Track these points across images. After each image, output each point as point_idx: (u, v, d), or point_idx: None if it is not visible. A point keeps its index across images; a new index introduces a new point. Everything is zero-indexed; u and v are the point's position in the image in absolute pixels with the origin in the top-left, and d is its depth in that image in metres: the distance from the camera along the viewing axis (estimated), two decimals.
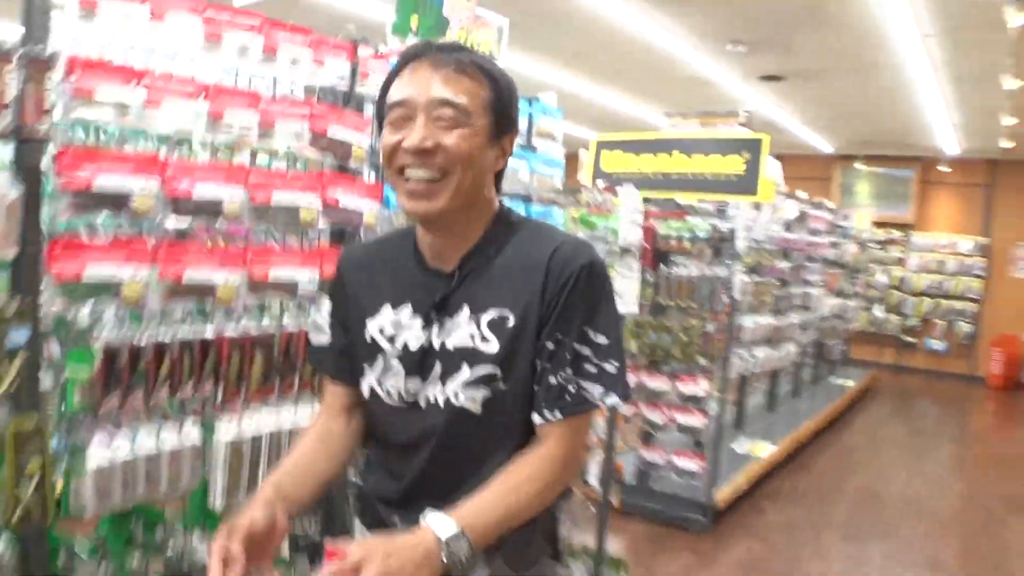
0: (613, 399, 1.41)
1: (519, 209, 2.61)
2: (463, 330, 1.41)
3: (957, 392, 11.33)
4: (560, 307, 1.39)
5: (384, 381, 1.46)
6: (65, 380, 1.76)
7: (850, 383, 9.75)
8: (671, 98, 8.76)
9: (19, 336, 1.63)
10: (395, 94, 1.37)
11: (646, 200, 4.09)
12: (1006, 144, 9.98)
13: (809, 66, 7.58)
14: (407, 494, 1.47)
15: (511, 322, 1.39)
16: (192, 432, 1.96)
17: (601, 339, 1.41)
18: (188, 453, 1.96)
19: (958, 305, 12.55)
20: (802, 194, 8.06)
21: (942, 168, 12.47)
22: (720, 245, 5.20)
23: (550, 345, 1.39)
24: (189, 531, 2.13)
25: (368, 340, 1.48)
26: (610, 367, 1.41)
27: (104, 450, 1.80)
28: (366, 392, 1.50)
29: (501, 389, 1.40)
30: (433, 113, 1.34)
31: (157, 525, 2.13)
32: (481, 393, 1.40)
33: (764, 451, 6.04)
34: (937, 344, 12.63)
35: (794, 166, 9.96)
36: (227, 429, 2.02)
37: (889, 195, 13.21)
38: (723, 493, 5.01)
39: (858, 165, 13.20)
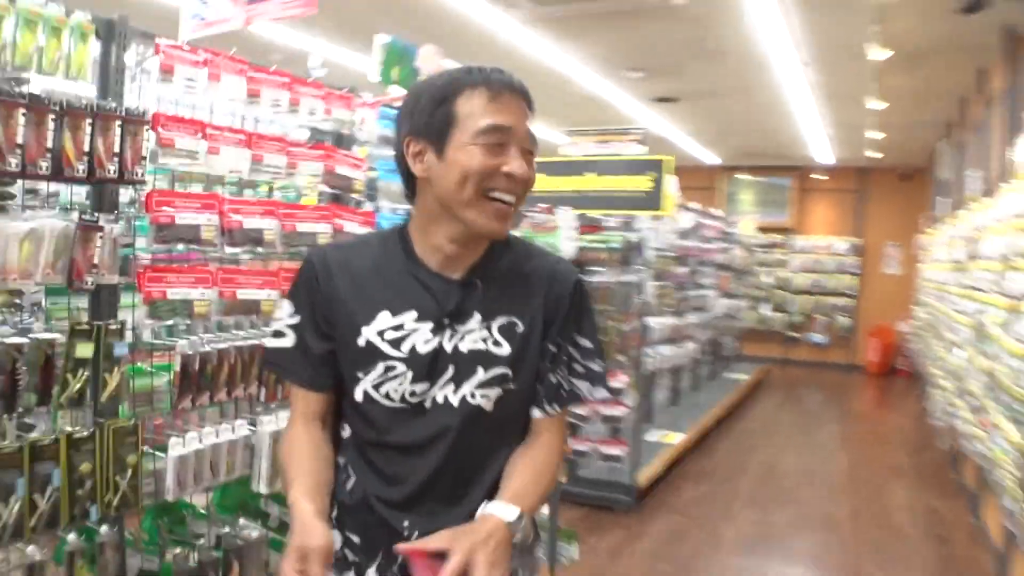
0: (601, 393, 1.58)
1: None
2: (476, 334, 1.49)
3: (839, 380, 12.32)
4: (560, 316, 1.54)
5: (383, 385, 1.49)
6: (151, 385, 2.14)
7: (743, 377, 10.52)
8: (571, 117, 9.33)
9: (121, 349, 2.01)
10: (493, 119, 1.41)
11: None
12: (873, 155, 11.01)
13: (699, 88, 8.32)
14: (415, 496, 1.50)
15: (520, 328, 1.51)
16: (243, 427, 2.36)
17: (587, 343, 1.57)
18: (240, 444, 2.35)
19: (836, 301, 13.63)
20: (695, 205, 8.78)
21: (817, 176, 13.55)
22: (629, 254, 5.77)
23: (551, 348, 1.53)
24: (228, 518, 2.50)
25: (363, 345, 1.48)
26: (596, 366, 1.57)
27: (181, 443, 2.18)
28: (359, 397, 1.50)
29: (511, 388, 1.50)
30: (523, 146, 1.44)
31: (192, 518, 2.50)
32: (495, 392, 1.49)
33: (674, 439, 6.64)
34: (819, 337, 13.66)
35: (683, 177, 10.68)
36: (269, 423, 2.41)
37: (770, 202, 14.22)
38: (643, 476, 5.58)
39: (741, 175, 14.18)
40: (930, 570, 4.65)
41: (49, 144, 1.80)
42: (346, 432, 1.57)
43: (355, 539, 1.54)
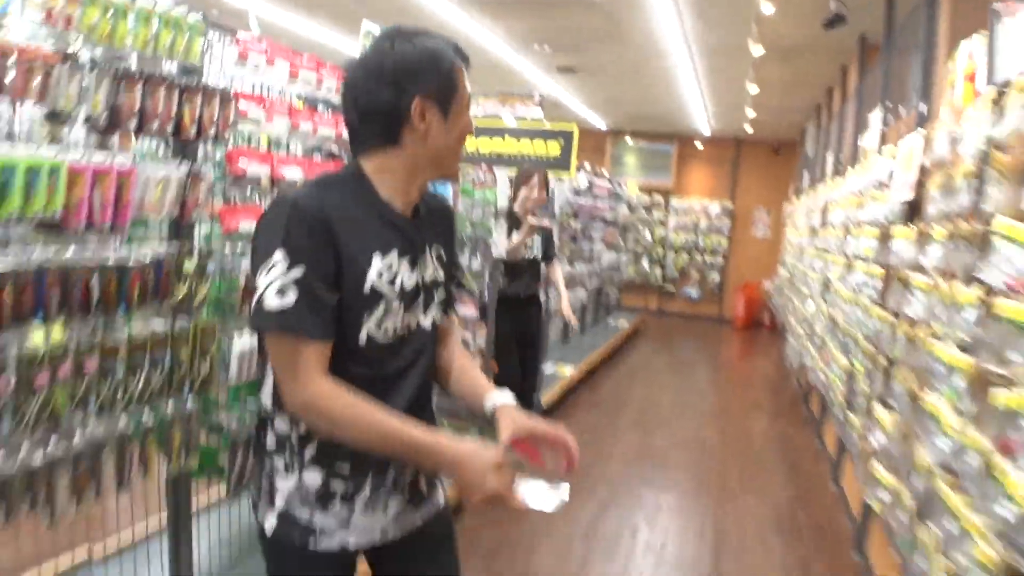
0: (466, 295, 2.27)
1: None
2: (428, 264, 1.70)
3: (709, 331, 13.59)
4: (453, 239, 1.85)
5: (384, 322, 1.59)
6: (222, 295, 2.82)
7: (624, 323, 11.58)
8: (482, 81, 10.08)
9: (212, 266, 2.68)
10: (468, 88, 1.65)
11: None
12: (748, 129, 12.18)
13: (597, 63, 9.18)
14: (409, 411, 1.62)
15: (443, 254, 1.77)
16: None
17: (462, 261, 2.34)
18: None
19: (709, 259, 14.91)
20: (587, 166, 9.67)
21: (697, 144, 14.71)
22: (545, 210, 6.58)
23: (452, 266, 1.83)
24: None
25: (368, 289, 1.56)
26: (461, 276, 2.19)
27: (241, 339, 2.87)
28: (363, 340, 1.58)
29: (445, 304, 1.81)
30: None
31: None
32: (441, 311, 1.79)
33: (567, 371, 7.58)
34: (692, 292, 14.95)
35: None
36: None
37: (652, 166, 15.31)
38: (544, 399, 6.47)
39: (628, 140, 15.20)
40: (780, 479, 5.73)
41: (172, 113, 2.46)
42: None
43: (344, 468, 1.63)
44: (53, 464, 2.17)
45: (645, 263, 14.95)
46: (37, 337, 2.11)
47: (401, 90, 1.57)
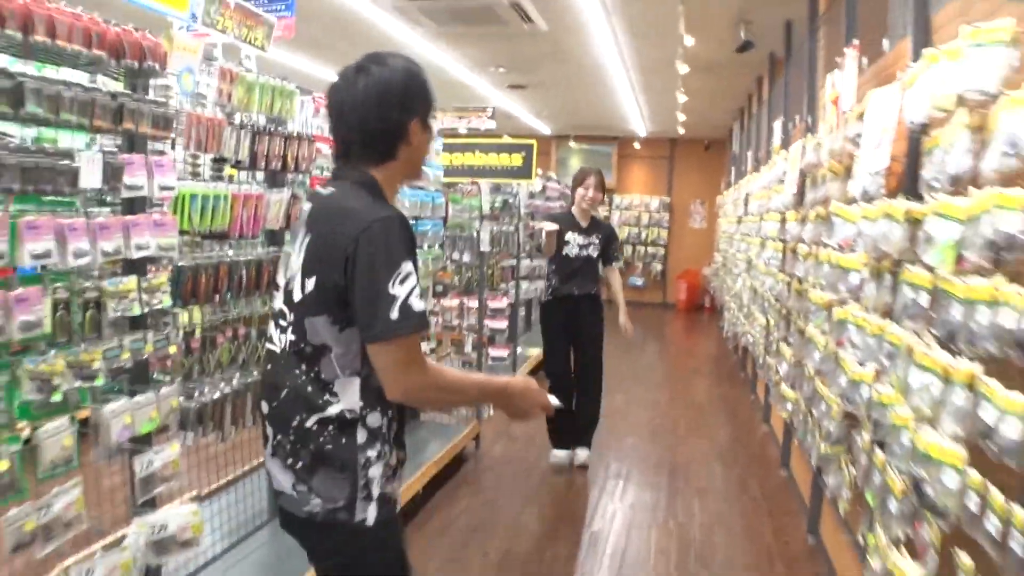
0: None
1: (410, 195, 5.01)
2: None
3: (655, 315, 14.85)
4: None
5: None
6: None
7: (541, 298, 12.73)
8: (442, 99, 11.19)
9: None
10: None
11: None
12: (681, 130, 13.48)
13: (545, 80, 10.36)
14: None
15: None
16: None
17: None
18: None
19: (651, 250, 16.20)
20: (538, 170, 10.83)
21: (635, 145, 15.99)
22: (508, 210, 7.72)
23: None
24: None
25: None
26: None
27: None
28: None
29: None
30: None
31: None
32: None
33: (533, 352, 8.71)
34: (638, 280, 16.23)
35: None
36: None
37: (595, 165, 16.46)
38: (521, 372, 7.61)
39: (571, 143, 16.42)
40: (721, 424, 6.95)
41: (278, 153, 3.52)
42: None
43: (402, 439, 1.93)
44: (223, 401, 3.22)
45: None
46: (212, 311, 3.17)
47: (406, 112, 1.81)
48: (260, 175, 3.58)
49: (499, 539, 4.29)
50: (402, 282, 1.67)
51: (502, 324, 7.44)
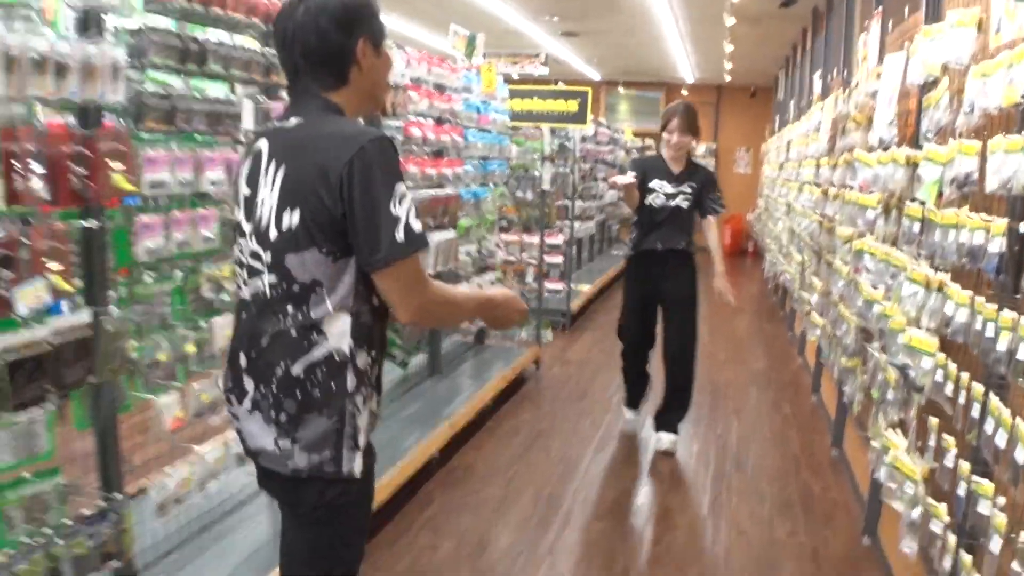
0: None
1: (482, 137, 5.54)
2: None
3: (700, 259, 15.18)
4: None
5: None
6: None
7: (623, 253, 13.29)
8: (497, 44, 11.74)
9: None
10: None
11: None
12: (727, 77, 13.83)
13: (597, 27, 10.79)
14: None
15: None
16: None
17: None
18: None
19: None
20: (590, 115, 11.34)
21: (683, 91, 16.34)
22: (564, 153, 8.28)
23: None
24: None
25: None
26: None
27: None
28: None
29: None
30: None
31: None
32: None
33: (585, 287, 9.33)
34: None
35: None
36: None
37: (643, 112, 16.94)
38: (574, 305, 8.23)
39: (620, 89, 16.81)
40: (759, 358, 7.52)
41: None
42: (377, 299, 1.75)
43: (380, 384, 1.87)
44: None
45: None
46: None
47: (349, 33, 1.72)
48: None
49: (558, 442, 4.95)
50: (400, 202, 1.62)
51: (558, 259, 8.07)
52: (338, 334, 1.69)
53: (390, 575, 3.35)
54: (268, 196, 1.71)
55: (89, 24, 2.33)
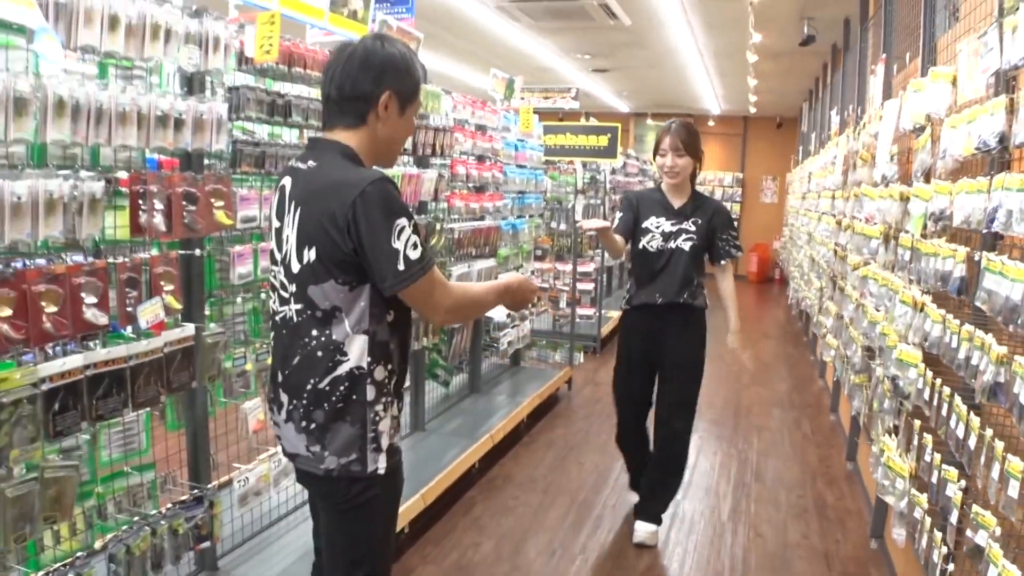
0: None
1: (519, 173, 5.96)
2: None
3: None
4: None
5: None
6: (448, 243, 4.91)
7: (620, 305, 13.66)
8: (531, 81, 12.22)
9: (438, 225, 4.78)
10: (420, 102, 2.15)
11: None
12: (752, 109, 14.22)
13: (626, 64, 11.24)
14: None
15: None
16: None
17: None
18: None
19: None
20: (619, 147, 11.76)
21: (710, 123, 16.75)
22: (595, 186, 8.69)
23: None
24: None
25: None
26: None
27: (457, 267, 4.97)
28: None
29: None
30: None
31: None
32: None
33: (614, 313, 9.68)
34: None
35: (602, 121, 13.80)
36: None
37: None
38: (604, 331, 8.60)
39: (649, 121, 17.24)
40: (782, 380, 7.84)
41: (428, 141, 4.51)
42: (391, 316, 1.98)
43: (402, 391, 2.09)
44: None
45: None
46: None
47: (379, 81, 1.93)
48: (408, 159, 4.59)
49: (590, 455, 5.32)
50: (399, 235, 1.82)
51: (589, 286, 8.46)
52: (357, 352, 1.92)
53: (439, 567, 3.73)
54: (291, 233, 1.96)
55: (194, 84, 2.78)
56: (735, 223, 4.02)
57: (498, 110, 5.61)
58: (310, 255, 1.91)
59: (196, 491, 2.93)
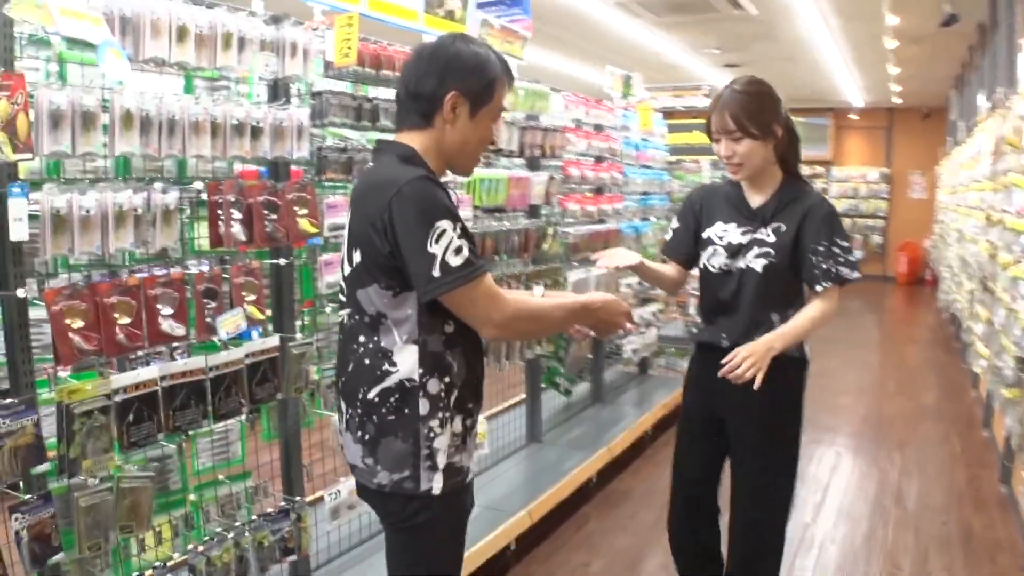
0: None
1: (641, 174, 5.69)
2: None
3: (873, 287, 14.80)
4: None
5: None
6: (562, 248, 4.74)
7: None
8: (660, 79, 11.90)
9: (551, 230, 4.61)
10: (504, 106, 1.97)
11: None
12: (897, 100, 13.41)
13: (758, 57, 10.77)
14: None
15: None
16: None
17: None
18: None
19: (870, 222, 16.11)
20: None
21: (852, 116, 15.92)
22: None
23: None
24: None
25: None
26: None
27: (574, 272, 4.79)
28: None
29: None
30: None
31: None
32: None
33: None
34: (857, 253, 16.09)
35: None
36: None
37: (811, 138, 16.54)
38: None
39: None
40: (930, 390, 7.25)
41: (538, 142, 4.33)
42: (451, 327, 1.86)
43: (469, 404, 1.92)
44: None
45: None
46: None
47: (443, 80, 1.82)
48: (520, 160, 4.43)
49: None
50: (438, 240, 1.71)
51: None
52: (408, 363, 1.82)
53: None
54: (346, 236, 1.91)
55: (279, 91, 2.72)
56: (842, 225, 2.60)
57: (614, 108, 5.40)
58: (356, 257, 1.84)
59: (284, 503, 2.86)
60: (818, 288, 2.54)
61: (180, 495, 2.67)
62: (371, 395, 1.85)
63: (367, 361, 1.85)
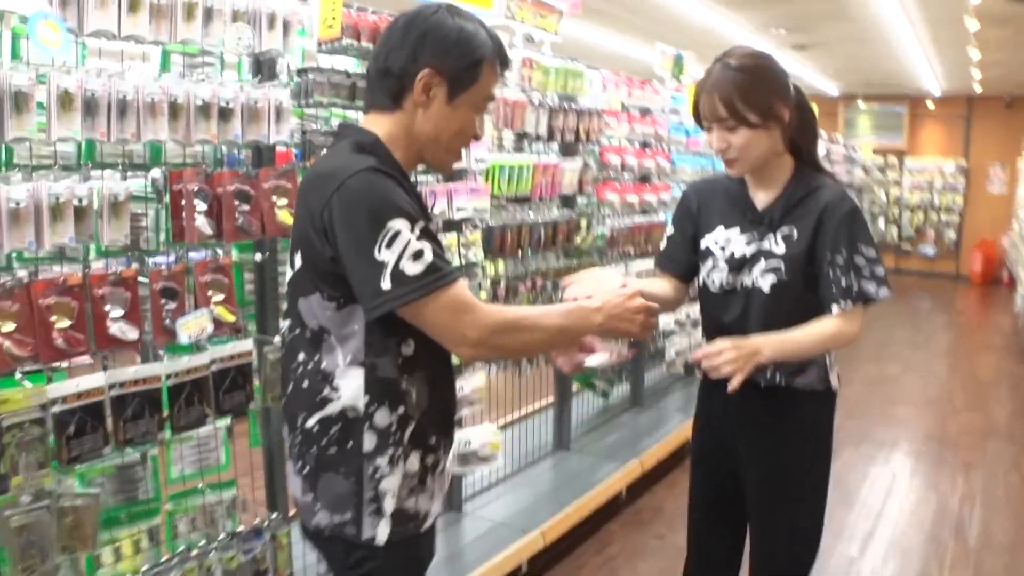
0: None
1: (691, 161, 5.29)
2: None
3: (945, 287, 14.09)
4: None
5: None
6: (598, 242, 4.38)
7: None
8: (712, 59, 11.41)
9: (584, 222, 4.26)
10: (494, 91, 1.69)
11: None
12: (978, 87, 12.65)
13: (827, 38, 10.19)
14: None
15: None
16: None
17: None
18: None
19: (945, 217, 15.29)
20: (823, 133, 10.72)
21: (928, 104, 15.11)
22: None
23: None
24: None
25: None
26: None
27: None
28: None
29: None
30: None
31: None
32: None
33: None
34: (929, 250, 15.42)
35: None
36: None
37: (885, 127, 15.82)
38: None
39: (859, 103, 15.82)
40: (1002, 404, 6.71)
41: (572, 126, 3.97)
42: (409, 348, 1.58)
43: (432, 439, 1.63)
44: None
45: (881, 223, 15.56)
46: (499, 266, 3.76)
47: (417, 55, 1.54)
48: (555, 146, 4.09)
49: None
50: (389, 244, 1.43)
51: None
52: (351, 389, 1.55)
53: None
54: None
55: (262, 68, 2.43)
56: (867, 227, 2.09)
57: (661, 90, 5.00)
58: (297, 261, 1.58)
59: (257, 521, 2.60)
60: (835, 309, 2.04)
61: (154, 505, 2.42)
62: (309, 423, 1.59)
63: (306, 383, 1.59)
